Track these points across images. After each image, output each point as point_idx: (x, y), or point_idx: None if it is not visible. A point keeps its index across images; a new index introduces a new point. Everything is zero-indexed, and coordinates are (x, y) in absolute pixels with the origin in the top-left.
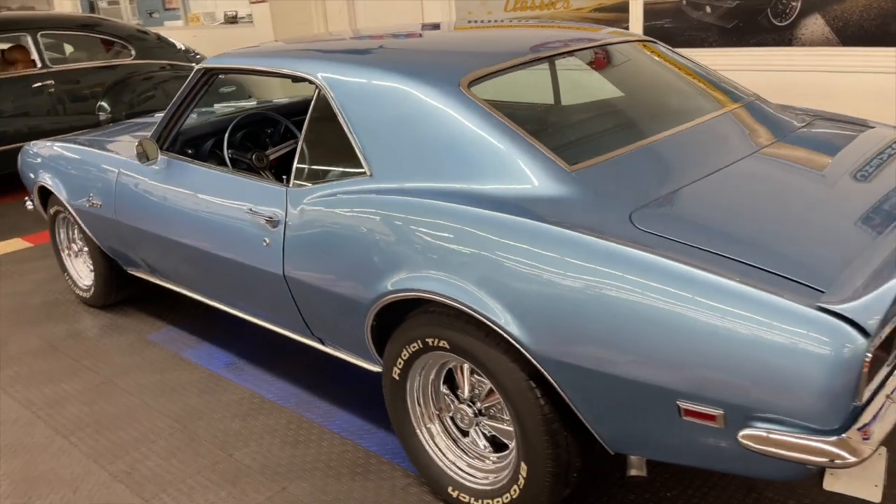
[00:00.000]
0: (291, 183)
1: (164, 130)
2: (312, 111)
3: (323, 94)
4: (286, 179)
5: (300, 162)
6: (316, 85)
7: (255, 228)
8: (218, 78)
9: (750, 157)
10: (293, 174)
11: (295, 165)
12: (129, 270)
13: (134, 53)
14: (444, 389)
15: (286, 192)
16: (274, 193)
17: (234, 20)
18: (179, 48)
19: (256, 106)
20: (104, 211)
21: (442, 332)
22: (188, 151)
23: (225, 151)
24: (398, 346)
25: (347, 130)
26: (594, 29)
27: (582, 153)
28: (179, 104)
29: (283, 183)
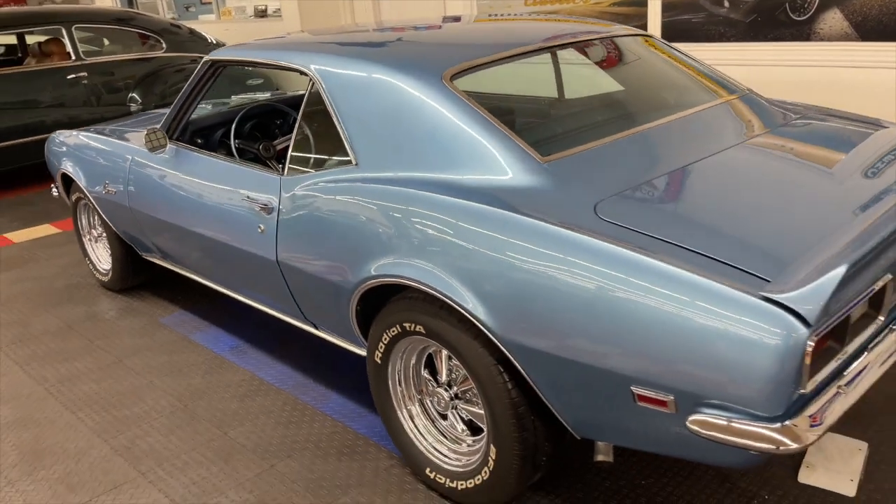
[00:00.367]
0: (286, 171)
1: (173, 120)
2: (306, 102)
3: (315, 85)
4: (281, 168)
5: (294, 151)
6: (309, 77)
7: (251, 215)
8: (227, 70)
9: (728, 149)
10: (287, 162)
11: (289, 154)
12: (143, 255)
13: (165, 46)
14: (424, 374)
15: (280, 180)
16: (269, 181)
17: (263, 14)
18: (210, 41)
19: (268, 98)
20: (118, 197)
21: (418, 317)
22: (198, 141)
23: (232, 141)
24: (379, 330)
25: (336, 120)
26: (606, 24)
27: (558, 145)
28: (188, 95)
29: (278, 171)
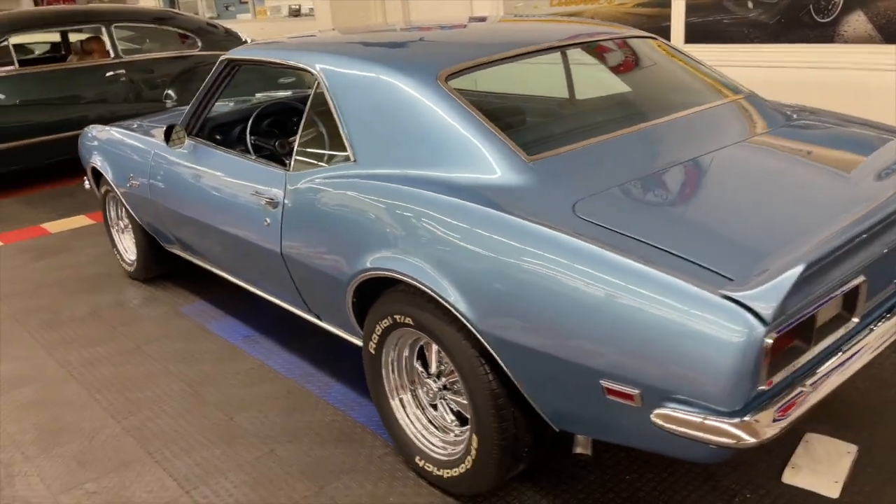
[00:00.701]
0: (291, 167)
1: (192, 116)
2: (312, 101)
3: (320, 84)
4: (288, 164)
5: (299, 147)
6: (315, 76)
7: (258, 209)
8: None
9: (717, 150)
10: (293, 158)
11: (295, 150)
12: (165, 247)
13: (200, 45)
14: (417, 365)
15: (285, 175)
16: (275, 176)
17: (297, 13)
18: (245, 40)
19: (285, 95)
20: (141, 190)
21: (407, 309)
22: (217, 137)
23: (248, 138)
24: (373, 321)
25: (337, 118)
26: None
27: (546, 145)
28: (206, 92)
29: (285, 167)
